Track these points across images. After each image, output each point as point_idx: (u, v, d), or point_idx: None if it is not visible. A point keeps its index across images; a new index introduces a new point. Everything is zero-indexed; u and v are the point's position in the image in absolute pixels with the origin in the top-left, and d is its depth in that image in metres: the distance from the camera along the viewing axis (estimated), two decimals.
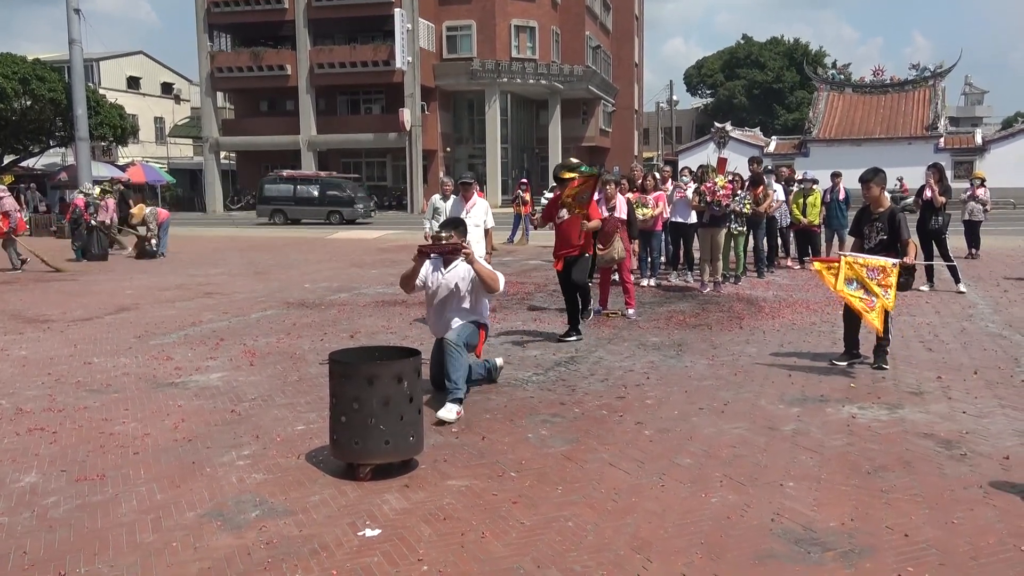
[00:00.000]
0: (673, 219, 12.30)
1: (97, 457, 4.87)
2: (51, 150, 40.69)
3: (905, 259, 6.56)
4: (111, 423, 5.54)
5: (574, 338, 8.11)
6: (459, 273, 5.85)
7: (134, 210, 19.61)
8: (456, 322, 5.87)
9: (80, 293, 12.37)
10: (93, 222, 17.74)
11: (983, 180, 15.73)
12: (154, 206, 19.30)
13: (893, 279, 6.50)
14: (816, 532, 3.73)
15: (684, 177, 13.14)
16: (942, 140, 40.15)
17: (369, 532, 3.79)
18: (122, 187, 23.06)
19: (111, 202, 18.48)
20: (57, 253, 18.50)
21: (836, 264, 6.80)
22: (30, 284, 13.55)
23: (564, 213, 8.04)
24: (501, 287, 5.90)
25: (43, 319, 9.94)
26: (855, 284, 6.62)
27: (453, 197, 9.33)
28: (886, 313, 6.67)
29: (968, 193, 15.46)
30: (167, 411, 5.82)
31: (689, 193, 11.99)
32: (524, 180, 23.04)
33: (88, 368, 7.23)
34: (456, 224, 6.14)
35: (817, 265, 7.12)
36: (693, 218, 11.95)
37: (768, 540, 3.66)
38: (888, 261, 6.56)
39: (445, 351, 5.67)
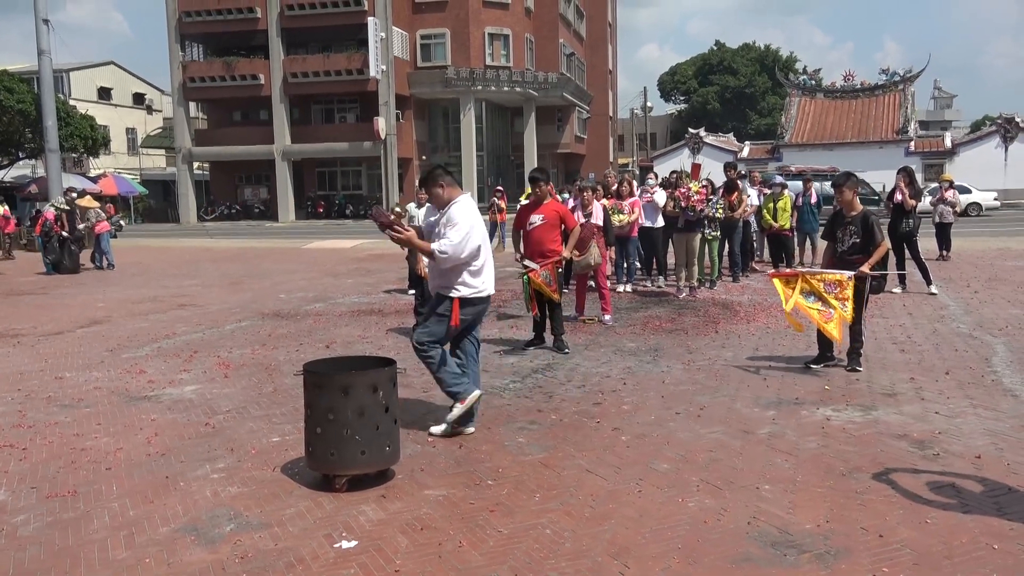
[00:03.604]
0: (641, 224, 12.34)
1: (68, 473, 4.80)
2: (20, 162, 40.16)
3: (860, 270, 6.67)
4: (83, 438, 5.47)
5: (537, 345, 8.16)
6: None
7: (81, 201, 19.52)
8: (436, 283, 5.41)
9: (51, 306, 12.20)
10: (64, 234, 17.53)
11: (951, 182, 15.98)
12: (102, 211, 19.04)
13: (850, 292, 6.66)
14: (792, 534, 3.75)
15: (650, 180, 13.14)
16: (912, 144, 40.71)
17: (345, 544, 3.76)
18: None
19: None
20: (27, 266, 18.28)
21: (795, 279, 6.93)
22: None
23: (535, 220, 8.06)
24: (443, 251, 5.14)
25: (13, 333, 9.79)
26: (813, 297, 6.78)
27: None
28: (860, 314, 6.79)
29: (937, 196, 15.69)
30: (140, 425, 5.75)
31: (658, 197, 12.06)
32: (499, 188, 23.02)
33: (59, 383, 7.13)
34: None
35: (776, 282, 7.14)
36: (660, 222, 12.01)
37: (745, 543, 3.68)
38: (844, 275, 6.69)
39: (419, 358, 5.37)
